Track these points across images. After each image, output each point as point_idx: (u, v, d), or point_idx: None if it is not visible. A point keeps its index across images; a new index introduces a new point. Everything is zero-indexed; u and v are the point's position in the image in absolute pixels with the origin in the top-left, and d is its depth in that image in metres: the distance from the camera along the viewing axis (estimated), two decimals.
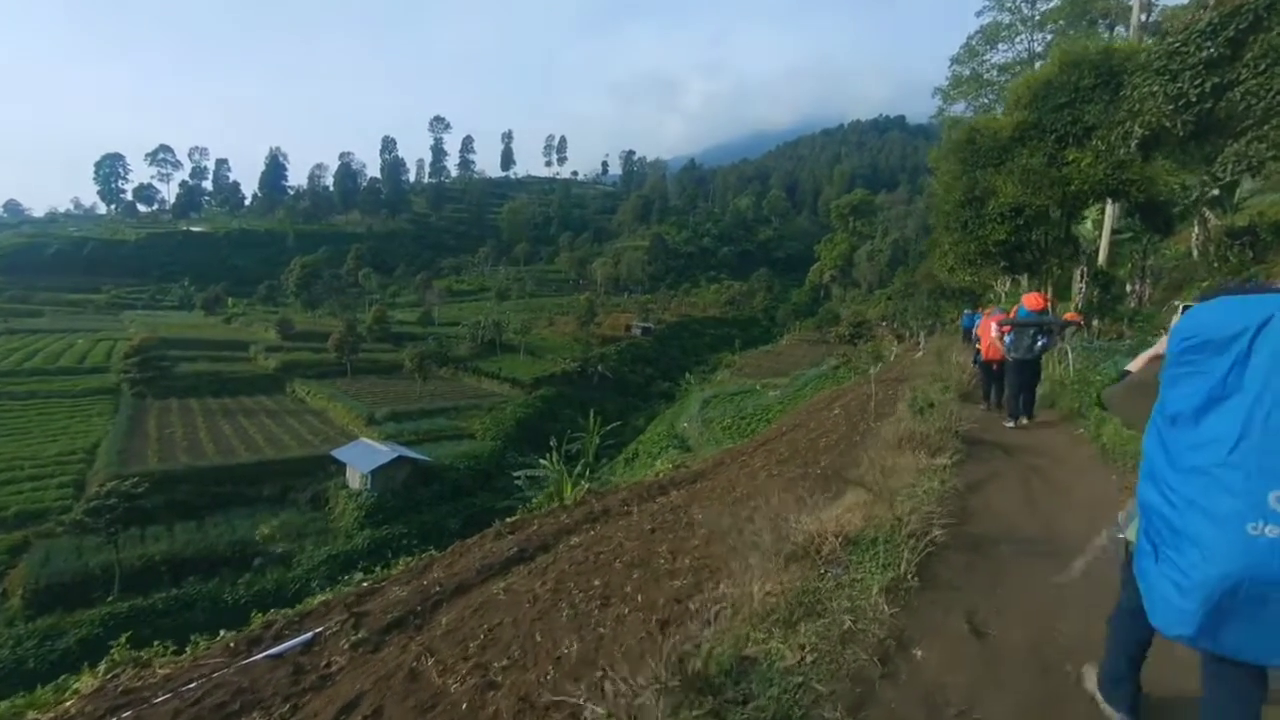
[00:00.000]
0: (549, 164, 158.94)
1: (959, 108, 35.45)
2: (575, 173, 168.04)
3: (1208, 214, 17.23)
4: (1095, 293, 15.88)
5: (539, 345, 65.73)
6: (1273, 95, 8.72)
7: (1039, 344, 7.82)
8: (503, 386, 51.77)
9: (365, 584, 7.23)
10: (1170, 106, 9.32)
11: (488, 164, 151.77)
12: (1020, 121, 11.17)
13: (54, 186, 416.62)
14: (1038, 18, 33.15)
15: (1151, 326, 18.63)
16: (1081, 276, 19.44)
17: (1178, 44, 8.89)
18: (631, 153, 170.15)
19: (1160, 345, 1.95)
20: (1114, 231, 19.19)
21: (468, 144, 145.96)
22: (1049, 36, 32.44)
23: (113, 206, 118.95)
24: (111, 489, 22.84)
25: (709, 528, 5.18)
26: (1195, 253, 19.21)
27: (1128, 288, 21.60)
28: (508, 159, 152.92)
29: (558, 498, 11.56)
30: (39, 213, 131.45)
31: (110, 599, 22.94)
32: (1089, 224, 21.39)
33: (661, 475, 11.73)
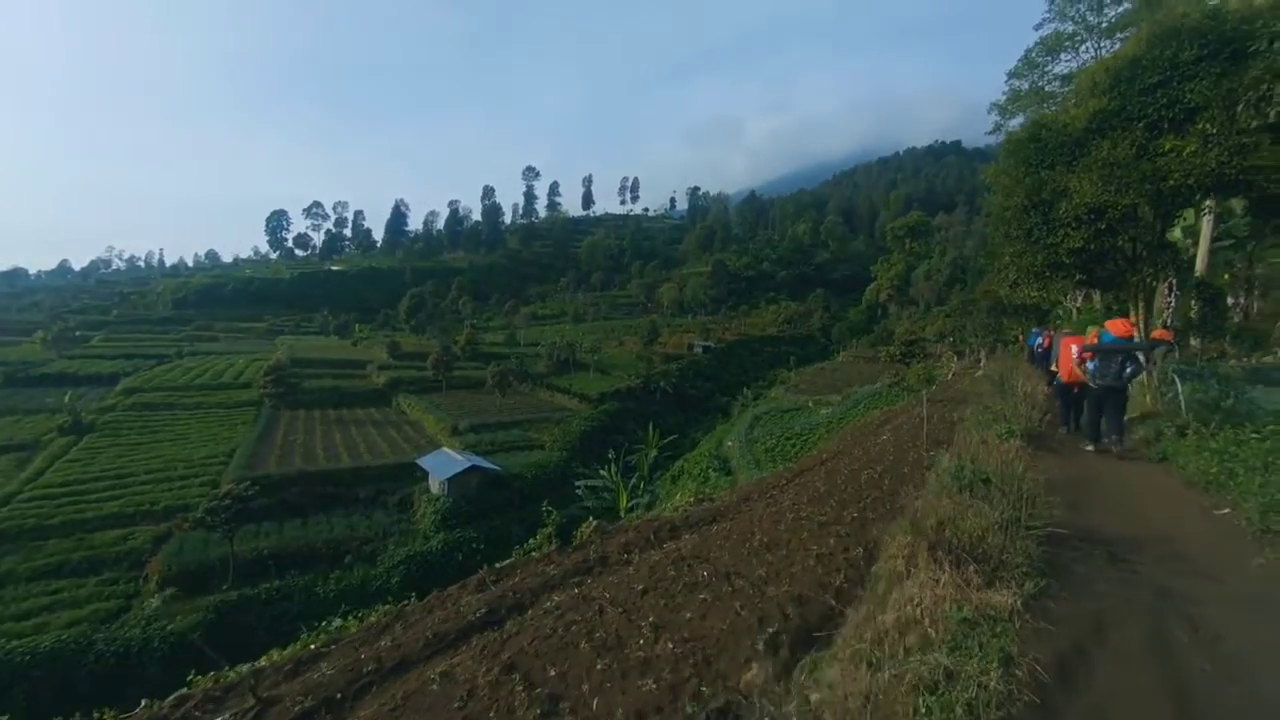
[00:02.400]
0: (623, 202, 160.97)
1: (1016, 123, 31.03)
2: (646, 209, 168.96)
3: None
4: (1195, 307, 12.28)
5: (607, 363, 64.92)
6: None
7: (1127, 371, 6.64)
8: (572, 401, 51.10)
9: (312, 646, 5.86)
10: None
11: (571, 204, 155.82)
12: (1098, 109, 8.26)
13: (241, 237, 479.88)
14: (1105, 25, 28.26)
15: (1266, 345, 14.50)
16: (1170, 289, 15.56)
17: None
18: (697, 188, 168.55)
19: None
20: (1213, 238, 15.19)
21: (554, 188, 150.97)
22: (1117, 45, 27.58)
23: (277, 253, 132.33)
24: (227, 492, 23.62)
25: None
26: None
27: (1229, 300, 17.32)
28: (588, 199, 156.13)
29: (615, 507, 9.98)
30: (227, 258, 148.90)
31: (225, 587, 23.62)
32: (1178, 230, 17.28)
33: (679, 511, 9.75)
